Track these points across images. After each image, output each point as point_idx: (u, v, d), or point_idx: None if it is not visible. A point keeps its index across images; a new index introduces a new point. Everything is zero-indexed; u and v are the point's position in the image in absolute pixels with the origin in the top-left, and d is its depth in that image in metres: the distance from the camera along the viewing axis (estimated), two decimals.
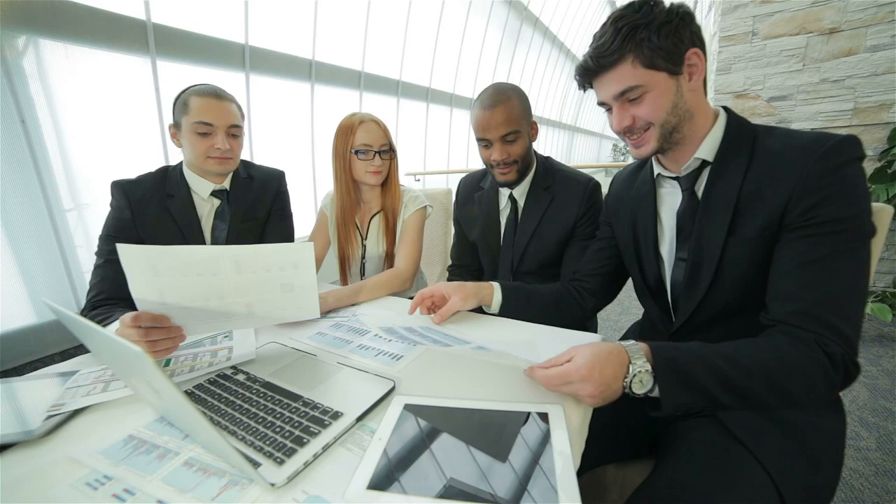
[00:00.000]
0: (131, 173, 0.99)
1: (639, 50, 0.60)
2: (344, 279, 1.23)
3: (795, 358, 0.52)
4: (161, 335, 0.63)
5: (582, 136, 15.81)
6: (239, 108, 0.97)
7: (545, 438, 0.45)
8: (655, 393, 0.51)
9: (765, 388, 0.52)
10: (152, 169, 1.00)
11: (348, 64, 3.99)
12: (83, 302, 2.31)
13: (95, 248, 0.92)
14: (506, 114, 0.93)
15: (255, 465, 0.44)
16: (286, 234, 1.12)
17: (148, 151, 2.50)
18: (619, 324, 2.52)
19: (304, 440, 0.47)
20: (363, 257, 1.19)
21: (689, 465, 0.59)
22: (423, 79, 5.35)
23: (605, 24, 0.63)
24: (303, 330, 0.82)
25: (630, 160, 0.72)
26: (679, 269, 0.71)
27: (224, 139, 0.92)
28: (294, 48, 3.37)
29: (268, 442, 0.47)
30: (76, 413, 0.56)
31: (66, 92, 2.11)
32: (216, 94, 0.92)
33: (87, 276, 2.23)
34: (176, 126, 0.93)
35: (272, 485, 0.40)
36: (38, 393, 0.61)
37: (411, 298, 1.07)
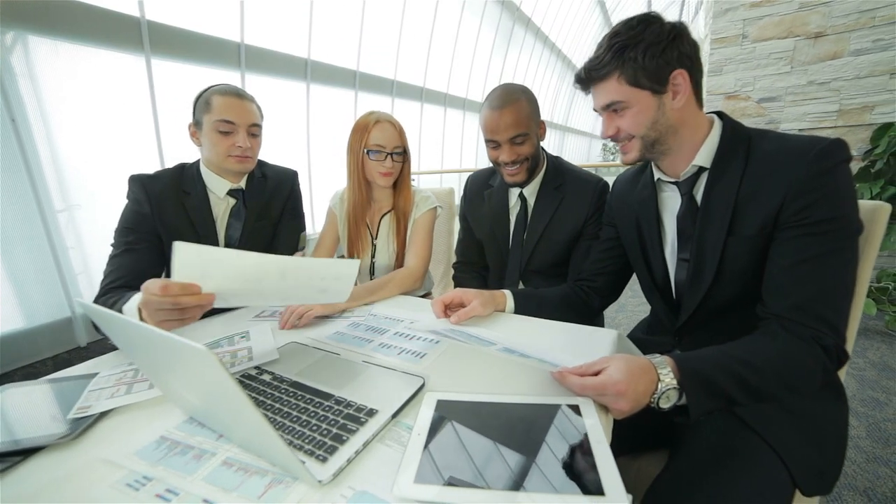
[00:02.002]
0: (124, 173, 0.98)
1: (624, 68, 0.64)
2: None
3: (799, 355, 0.56)
4: (192, 301, 0.58)
5: (572, 135, 15.98)
6: (259, 107, 0.99)
7: (581, 430, 0.47)
8: (682, 401, 0.54)
9: (775, 386, 0.56)
10: (146, 168, 1.00)
11: (344, 63, 3.97)
12: (77, 307, 2.26)
13: (83, 251, 0.92)
14: (514, 116, 0.95)
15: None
16: (297, 234, 1.12)
17: (142, 151, 2.45)
18: (616, 320, 2.57)
19: (344, 437, 0.47)
20: (373, 256, 1.19)
21: (705, 452, 0.62)
22: (418, 78, 5.35)
23: (604, 38, 0.68)
24: (321, 329, 0.82)
25: (619, 159, 0.77)
26: (682, 268, 0.74)
27: (245, 137, 0.94)
28: (290, 47, 3.34)
29: (307, 440, 0.48)
30: (102, 415, 0.56)
31: (57, 90, 2.06)
32: (238, 94, 0.94)
33: (81, 279, 2.20)
34: (196, 125, 0.94)
35: (319, 482, 0.41)
36: (58, 396, 0.61)
37: (423, 297, 1.08)
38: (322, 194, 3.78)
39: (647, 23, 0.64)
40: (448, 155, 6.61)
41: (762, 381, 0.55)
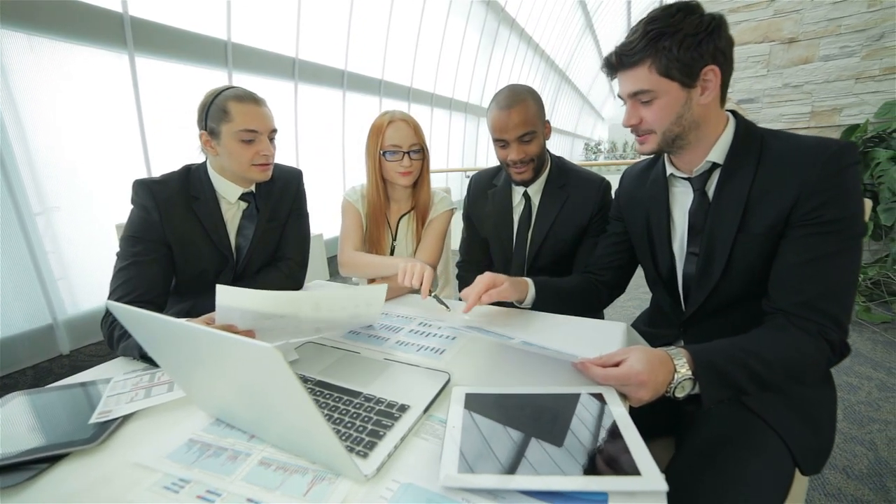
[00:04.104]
0: (105, 175, 0.94)
1: (657, 57, 0.64)
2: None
3: (806, 349, 0.60)
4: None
5: (556, 134, 16.23)
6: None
7: (608, 416, 0.49)
8: (695, 391, 0.57)
9: (783, 377, 0.60)
10: (131, 170, 0.97)
11: (331, 63, 3.92)
12: (58, 313, 2.16)
13: (61, 256, 0.87)
14: (522, 115, 0.97)
15: None
16: (304, 233, 1.11)
17: (125, 151, 2.36)
18: (608, 315, 2.62)
19: (381, 433, 0.48)
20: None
21: (714, 437, 0.65)
22: (405, 78, 5.34)
23: (639, 22, 0.67)
24: None
25: (602, 158, 0.79)
26: (690, 262, 0.77)
27: (268, 144, 0.92)
28: (277, 46, 3.28)
29: (343, 437, 0.48)
30: (124, 420, 0.55)
31: (33, 88, 1.96)
32: (255, 99, 0.91)
33: (61, 284, 2.10)
34: (211, 134, 0.89)
35: (365, 476, 0.42)
36: (74, 402, 0.59)
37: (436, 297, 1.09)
38: (312, 194, 3.72)
39: (687, 12, 0.63)
40: (436, 155, 6.62)
41: (771, 372, 0.58)
